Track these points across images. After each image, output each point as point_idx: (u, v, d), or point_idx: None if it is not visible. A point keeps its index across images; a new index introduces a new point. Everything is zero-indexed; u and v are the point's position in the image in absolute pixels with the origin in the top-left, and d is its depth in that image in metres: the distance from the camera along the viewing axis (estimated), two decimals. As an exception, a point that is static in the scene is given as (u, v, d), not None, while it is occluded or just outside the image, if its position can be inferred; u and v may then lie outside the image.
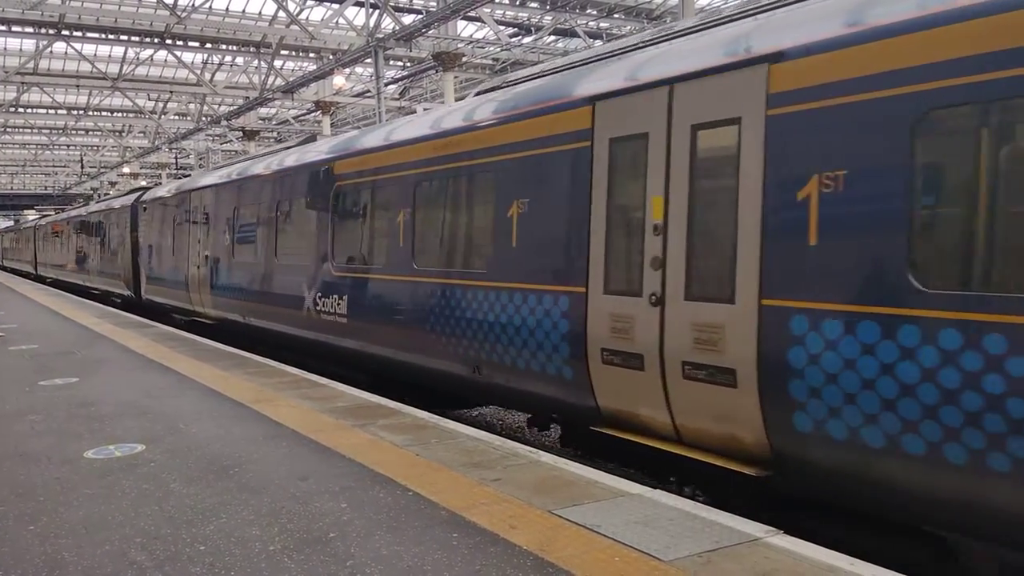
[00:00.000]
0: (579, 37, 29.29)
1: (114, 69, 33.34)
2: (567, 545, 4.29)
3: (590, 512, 4.80)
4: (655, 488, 5.32)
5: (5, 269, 60.81)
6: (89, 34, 28.91)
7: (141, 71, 35.18)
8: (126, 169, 54.39)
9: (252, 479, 5.62)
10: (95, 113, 43.48)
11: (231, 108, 37.16)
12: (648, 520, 4.65)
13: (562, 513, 4.78)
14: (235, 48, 31.67)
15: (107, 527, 4.70)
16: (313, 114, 40.18)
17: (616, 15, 28.63)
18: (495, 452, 6.23)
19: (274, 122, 47.40)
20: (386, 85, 26.89)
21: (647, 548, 4.22)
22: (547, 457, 6.06)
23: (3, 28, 27.73)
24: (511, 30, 29.86)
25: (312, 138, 14.86)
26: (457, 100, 23.07)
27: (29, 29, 27.94)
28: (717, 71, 5.78)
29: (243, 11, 30.43)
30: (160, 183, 33.43)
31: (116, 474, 5.80)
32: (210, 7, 27.90)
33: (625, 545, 4.27)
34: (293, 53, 32.07)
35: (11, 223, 77.24)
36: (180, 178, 34.11)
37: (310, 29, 26.17)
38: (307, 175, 12.23)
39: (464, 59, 27.25)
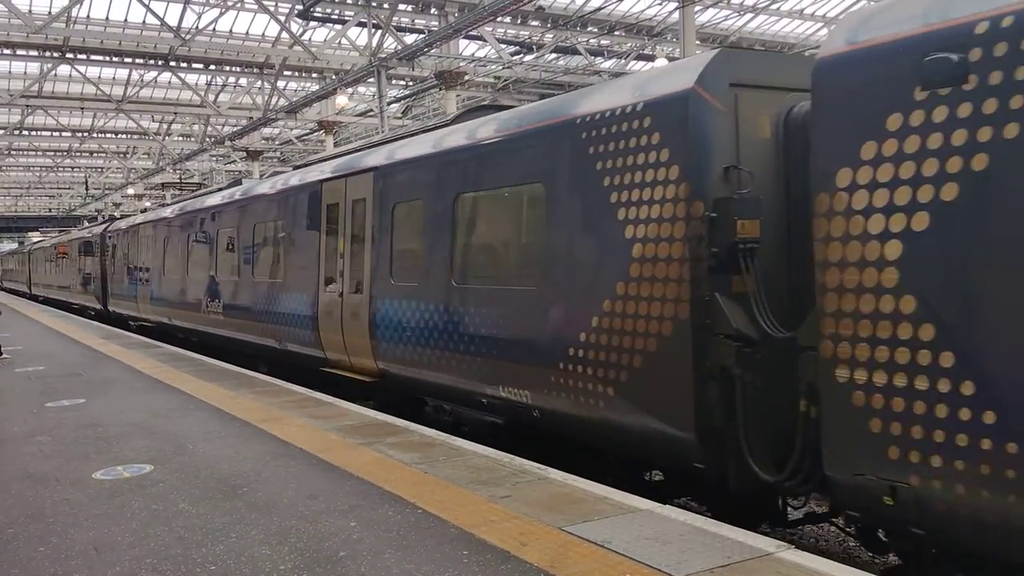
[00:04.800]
0: (580, 54, 29.46)
1: (118, 91, 33.50)
2: (578, 562, 4.28)
3: (600, 528, 4.79)
4: (665, 504, 5.31)
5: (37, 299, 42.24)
6: (93, 57, 29.13)
7: (145, 93, 35.34)
8: (130, 190, 54.59)
9: (261, 498, 5.62)
10: (99, 135, 43.64)
11: (235, 128, 37.34)
12: (658, 536, 4.64)
13: (572, 530, 4.77)
14: (238, 69, 31.90)
15: (117, 548, 4.70)
16: (316, 133, 40.36)
17: (617, 32, 28.81)
18: (504, 469, 6.23)
19: (277, 142, 47.63)
20: (389, 104, 26.99)
21: (658, 564, 4.21)
22: (556, 474, 6.05)
23: (8, 52, 27.99)
24: (512, 48, 30.02)
25: None
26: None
27: (34, 52, 28.18)
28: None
29: (246, 32, 30.56)
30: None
31: (125, 495, 5.80)
32: (213, 29, 28.07)
33: (636, 561, 4.26)
34: (296, 73, 32.29)
35: (15, 245, 76.72)
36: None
37: (313, 50, 26.31)
38: None
39: (466, 77, 27.38)
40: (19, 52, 28.19)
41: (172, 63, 29.43)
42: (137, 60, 29.66)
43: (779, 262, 5.94)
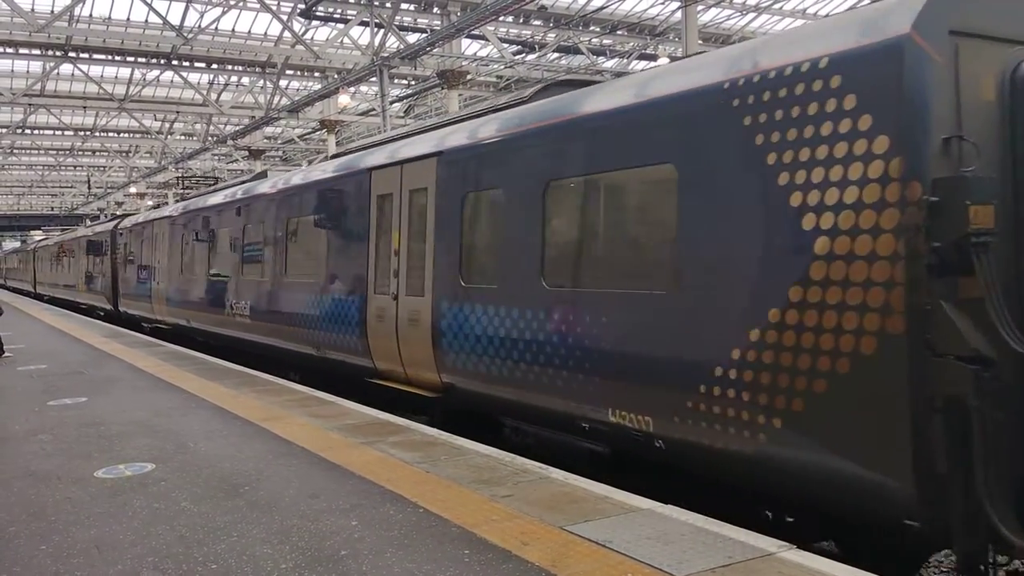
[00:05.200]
0: (582, 54, 29.46)
1: (121, 90, 33.55)
2: (579, 561, 4.28)
3: (601, 528, 4.79)
4: (666, 504, 5.31)
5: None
6: (96, 56, 29.20)
7: (147, 92, 35.38)
8: (133, 189, 54.66)
9: (262, 497, 5.62)
10: (102, 134, 43.74)
11: (237, 128, 37.38)
12: (660, 535, 4.63)
13: (573, 529, 4.77)
14: (241, 68, 31.93)
15: (119, 546, 4.70)
16: (318, 133, 40.39)
17: (619, 31, 28.81)
18: (505, 468, 6.23)
19: (280, 141, 47.66)
20: (391, 103, 27.02)
21: (659, 564, 4.21)
22: (557, 473, 6.05)
23: (11, 51, 28.05)
24: (515, 48, 30.03)
25: None
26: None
27: (36, 51, 28.25)
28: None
29: (249, 32, 30.60)
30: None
31: (127, 493, 5.80)
32: (216, 28, 28.13)
33: (637, 560, 4.26)
34: (298, 73, 32.32)
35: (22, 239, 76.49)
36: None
37: (315, 49, 26.34)
38: None
39: (468, 77, 27.39)
40: (22, 51, 28.29)
41: (174, 62, 29.49)
42: (139, 59, 29.73)
43: (1008, 259, 4.63)
